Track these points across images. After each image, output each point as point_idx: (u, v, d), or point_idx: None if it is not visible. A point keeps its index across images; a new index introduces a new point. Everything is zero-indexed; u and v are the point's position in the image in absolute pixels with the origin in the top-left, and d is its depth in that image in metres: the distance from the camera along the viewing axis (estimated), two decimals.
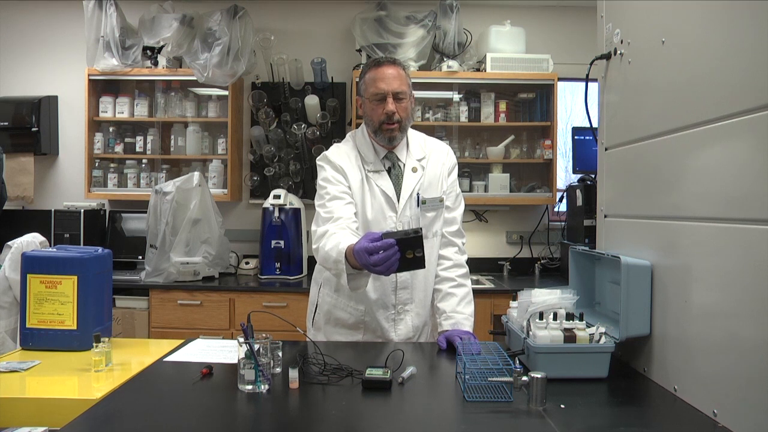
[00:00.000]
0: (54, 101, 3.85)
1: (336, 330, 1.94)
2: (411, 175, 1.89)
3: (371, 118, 1.85)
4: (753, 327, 1.13)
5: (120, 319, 3.16)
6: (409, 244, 1.46)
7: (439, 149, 1.98)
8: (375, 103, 1.82)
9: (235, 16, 3.46)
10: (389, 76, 1.81)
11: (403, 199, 1.87)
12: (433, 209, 1.90)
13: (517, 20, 3.63)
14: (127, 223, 3.74)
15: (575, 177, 3.58)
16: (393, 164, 1.90)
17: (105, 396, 1.40)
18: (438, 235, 1.93)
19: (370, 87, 1.83)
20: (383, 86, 1.80)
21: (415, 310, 1.91)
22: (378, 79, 1.81)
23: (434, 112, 3.67)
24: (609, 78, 1.81)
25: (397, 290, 1.88)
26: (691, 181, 1.36)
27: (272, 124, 3.68)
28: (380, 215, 1.85)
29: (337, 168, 1.86)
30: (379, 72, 1.82)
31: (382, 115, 1.81)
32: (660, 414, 1.34)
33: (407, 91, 1.84)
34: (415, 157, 1.91)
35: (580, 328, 1.51)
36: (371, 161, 1.88)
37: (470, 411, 1.29)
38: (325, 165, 1.89)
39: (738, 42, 1.20)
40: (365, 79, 1.86)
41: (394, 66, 1.83)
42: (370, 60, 1.91)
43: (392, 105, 1.80)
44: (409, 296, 1.90)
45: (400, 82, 1.81)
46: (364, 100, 1.88)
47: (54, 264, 1.85)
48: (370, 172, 1.87)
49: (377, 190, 1.86)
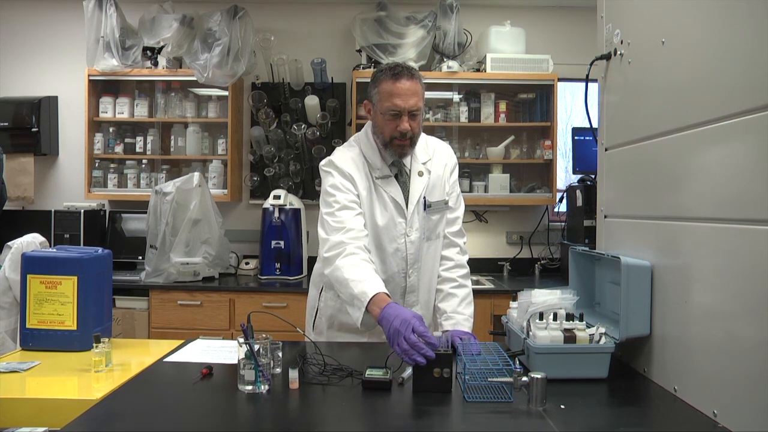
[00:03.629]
0: (54, 101, 3.85)
1: (340, 334, 1.93)
2: (417, 179, 1.87)
3: (382, 131, 1.78)
4: (753, 327, 1.13)
5: (120, 319, 3.16)
6: (440, 362, 1.38)
7: (441, 150, 1.96)
8: (388, 117, 1.74)
9: (235, 17, 3.46)
10: (407, 92, 1.71)
11: (411, 204, 1.85)
12: (438, 212, 1.90)
13: (517, 21, 3.63)
14: (127, 224, 3.74)
15: (575, 177, 3.58)
16: (400, 170, 1.87)
17: (105, 396, 1.40)
18: (440, 237, 1.93)
19: (384, 101, 1.74)
20: (400, 103, 1.71)
21: (421, 311, 1.90)
22: (395, 94, 1.71)
23: (434, 113, 3.66)
24: (609, 78, 1.81)
25: (405, 294, 1.88)
26: (691, 182, 1.36)
27: (272, 125, 3.68)
28: (390, 222, 1.83)
29: (345, 175, 1.80)
30: (396, 87, 1.72)
31: (395, 132, 1.74)
32: (660, 414, 1.34)
33: (422, 107, 1.78)
34: (421, 160, 1.89)
35: (580, 328, 1.51)
36: (378, 167, 1.83)
37: (470, 411, 1.29)
38: (332, 171, 1.82)
39: (738, 42, 1.20)
40: (380, 89, 1.75)
41: (412, 80, 1.73)
42: (386, 67, 1.78)
43: (407, 123, 1.73)
44: (416, 299, 1.90)
45: (417, 99, 1.73)
46: (375, 109, 1.79)
47: (54, 264, 1.85)
48: (378, 178, 1.83)
49: (386, 197, 1.83)
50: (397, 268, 1.86)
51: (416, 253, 1.87)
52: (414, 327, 1.39)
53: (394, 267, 1.86)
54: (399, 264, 1.86)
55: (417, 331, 1.39)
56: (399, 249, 1.85)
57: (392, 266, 1.85)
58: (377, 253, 1.83)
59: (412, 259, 1.86)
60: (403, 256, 1.85)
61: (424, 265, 1.90)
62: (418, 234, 1.86)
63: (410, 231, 1.84)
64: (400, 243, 1.84)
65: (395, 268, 1.86)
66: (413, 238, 1.85)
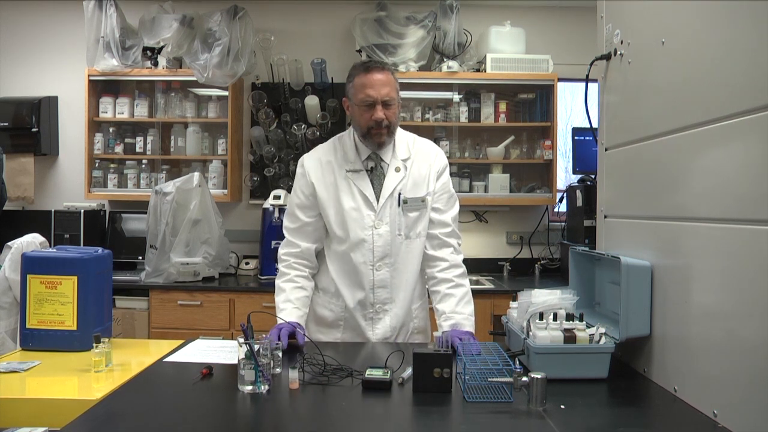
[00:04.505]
0: (54, 102, 3.85)
1: (318, 329, 1.97)
2: (393, 174, 1.90)
3: (359, 123, 1.86)
4: (753, 327, 1.13)
5: (120, 319, 3.16)
6: (440, 362, 1.39)
7: (426, 150, 1.98)
8: (363, 108, 1.83)
9: (235, 17, 3.46)
10: (378, 82, 1.80)
11: (383, 198, 1.88)
12: (415, 209, 1.90)
13: (517, 21, 3.63)
14: (127, 224, 3.74)
15: (575, 177, 3.58)
16: (376, 164, 1.92)
17: (105, 396, 1.40)
18: (422, 237, 1.93)
19: (358, 93, 1.83)
20: (373, 93, 1.80)
21: (394, 310, 1.91)
22: (367, 85, 1.81)
23: (434, 113, 3.67)
24: (609, 78, 1.81)
25: (375, 288, 1.89)
26: (691, 182, 1.36)
27: (272, 125, 3.68)
28: (357, 213, 1.87)
29: (307, 182, 1.92)
30: (368, 78, 1.81)
31: (370, 121, 1.82)
32: (660, 414, 1.34)
33: (396, 97, 1.85)
34: (401, 157, 1.92)
35: (580, 328, 1.51)
36: (352, 160, 1.90)
37: (470, 411, 1.29)
38: (299, 172, 1.96)
39: (738, 42, 1.20)
40: (354, 83, 1.85)
41: (383, 71, 1.83)
42: (358, 64, 1.91)
43: (381, 112, 1.81)
44: (389, 296, 1.91)
45: (389, 89, 1.82)
46: (352, 104, 1.88)
47: (54, 264, 1.85)
48: (349, 171, 1.90)
49: (355, 189, 1.88)
50: (363, 258, 1.88)
51: (385, 246, 1.88)
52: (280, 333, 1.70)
53: (359, 257, 1.88)
54: (365, 255, 1.88)
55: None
56: (365, 240, 1.87)
57: (357, 256, 1.88)
58: (343, 240, 1.89)
59: (381, 253, 1.87)
60: (370, 248, 1.87)
61: (402, 263, 1.90)
62: (388, 228, 1.88)
63: (379, 224, 1.87)
64: (367, 234, 1.87)
65: (360, 258, 1.88)
66: (382, 231, 1.87)
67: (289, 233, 1.96)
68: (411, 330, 1.98)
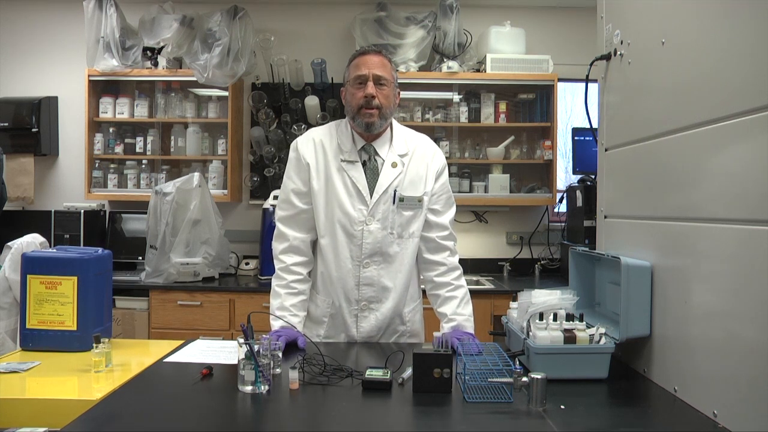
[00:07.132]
0: (54, 102, 3.85)
1: (308, 323, 1.93)
2: (390, 170, 1.84)
3: (350, 102, 1.82)
4: (753, 328, 1.13)
5: (120, 319, 3.16)
6: (440, 362, 1.39)
7: (424, 147, 1.92)
8: (356, 87, 1.80)
9: (235, 17, 3.46)
10: (371, 61, 1.80)
11: (377, 193, 1.82)
12: (410, 208, 1.85)
13: (517, 21, 3.63)
14: (127, 224, 3.74)
15: (575, 178, 3.58)
16: (370, 157, 1.85)
17: (105, 397, 1.40)
18: (415, 237, 1.87)
19: (352, 72, 1.82)
20: (365, 70, 1.78)
21: (381, 310, 1.86)
22: (360, 64, 1.80)
23: (434, 113, 3.67)
24: (609, 79, 1.81)
25: (360, 286, 1.84)
26: (691, 182, 1.36)
27: (272, 125, 3.68)
28: (350, 207, 1.81)
29: (302, 165, 1.86)
30: (362, 59, 1.81)
31: (360, 99, 1.78)
32: (660, 415, 1.34)
33: (390, 80, 1.81)
34: (397, 152, 1.86)
35: (580, 328, 1.51)
36: (347, 150, 1.84)
37: (470, 411, 1.29)
38: (292, 156, 1.90)
39: (738, 42, 1.20)
40: (349, 67, 1.85)
41: (378, 55, 1.83)
42: (355, 51, 1.91)
43: (372, 88, 1.77)
44: (375, 295, 1.85)
45: (382, 69, 1.80)
46: (346, 87, 1.85)
47: (54, 265, 1.85)
48: (344, 161, 1.83)
49: (348, 181, 1.82)
50: (350, 253, 1.83)
51: (375, 244, 1.82)
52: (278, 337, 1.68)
53: (346, 252, 1.83)
54: (353, 250, 1.82)
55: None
56: (354, 235, 1.82)
57: (345, 250, 1.83)
58: (331, 233, 1.84)
59: (370, 250, 1.82)
60: (358, 244, 1.82)
61: (392, 263, 1.85)
62: (379, 225, 1.82)
63: (370, 220, 1.81)
64: (357, 230, 1.81)
65: (347, 254, 1.83)
66: (372, 228, 1.81)
67: (283, 223, 1.90)
68: (401, 332, 1.92)
